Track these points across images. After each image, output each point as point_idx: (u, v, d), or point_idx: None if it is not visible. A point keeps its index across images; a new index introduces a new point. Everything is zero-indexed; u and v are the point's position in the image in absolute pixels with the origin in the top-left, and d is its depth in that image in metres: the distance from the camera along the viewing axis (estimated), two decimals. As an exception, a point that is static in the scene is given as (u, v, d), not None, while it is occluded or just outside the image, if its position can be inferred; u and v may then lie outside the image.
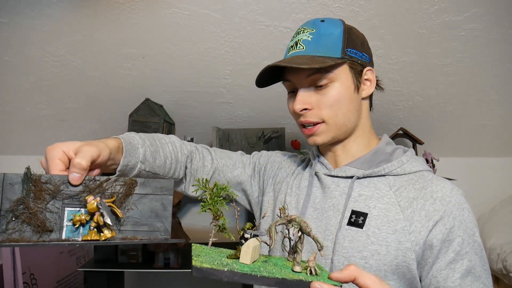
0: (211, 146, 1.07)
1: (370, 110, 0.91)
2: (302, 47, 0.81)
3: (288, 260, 0.62)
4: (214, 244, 0.63)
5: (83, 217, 0.57)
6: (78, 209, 0.58)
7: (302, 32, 0.84)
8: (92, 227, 0.57)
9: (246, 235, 0.58)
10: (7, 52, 1.48)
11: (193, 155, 0.96)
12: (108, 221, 0.57)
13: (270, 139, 1.74)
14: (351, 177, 0.84)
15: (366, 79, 0.85)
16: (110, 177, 0.61)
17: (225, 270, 0.52)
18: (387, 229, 0.77)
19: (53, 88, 1.63)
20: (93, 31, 1.41)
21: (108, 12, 1.35)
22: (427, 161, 1.68)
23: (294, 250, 0.60)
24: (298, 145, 1.74)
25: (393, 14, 1.37)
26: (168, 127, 1.66)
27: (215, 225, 0.61)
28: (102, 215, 0.57)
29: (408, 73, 1.59)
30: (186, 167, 0.95)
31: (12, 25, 1.38)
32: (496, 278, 1.89)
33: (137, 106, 1.62)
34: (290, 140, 1.79)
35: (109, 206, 0.59)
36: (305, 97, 0.82)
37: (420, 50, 1.49)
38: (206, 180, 0.64)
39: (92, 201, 0.57)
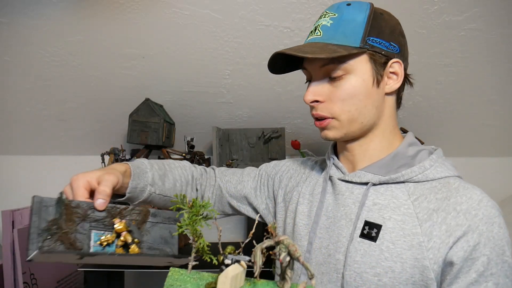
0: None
1: (399, 107, 0.81)
2: (319, 33, 0.73)
3: (278, 286, 0.53)
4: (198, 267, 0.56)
5: (109, 237, 0.64)
6: (102, 232, 0.66)
7: (324, 16, 0.75)
8: (119, 246, 0.65)
9: (227, 261, 0.50)
10: (7, 52, 1.48)
11: (202, 177, 1.00)
12: (136, 235, 0.66)
13: (270, 139, 1.74)
14: (366, 183, 0.76)
15: (392, 72, 0.75)
16: (128, 206, 0.69)
17: None
18: (403, 244, 0.68)
19: (53, 88, 1.63)
20: (93, 31, 1.41)
21: (108, 12, 1.35)
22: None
23: (282, 277, 0.51)
24: (298, 145, 1.74)
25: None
26: (168, 127, 1.66)
27: (194, 248, 0.55)
28: (130, 231, 0.65)
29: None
30: (197, 189, 0.97)
31: (12, 25, 1.38)
32: (496, 278, 1.89)
33: (137, 106, 1.62)
34: (290, 140, 1.79)
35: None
36: (317, 88, 0.75)
37: (420, 50, 1.49)
38: (184, 195, 0.57)
39: (120, 222, 0.65)
